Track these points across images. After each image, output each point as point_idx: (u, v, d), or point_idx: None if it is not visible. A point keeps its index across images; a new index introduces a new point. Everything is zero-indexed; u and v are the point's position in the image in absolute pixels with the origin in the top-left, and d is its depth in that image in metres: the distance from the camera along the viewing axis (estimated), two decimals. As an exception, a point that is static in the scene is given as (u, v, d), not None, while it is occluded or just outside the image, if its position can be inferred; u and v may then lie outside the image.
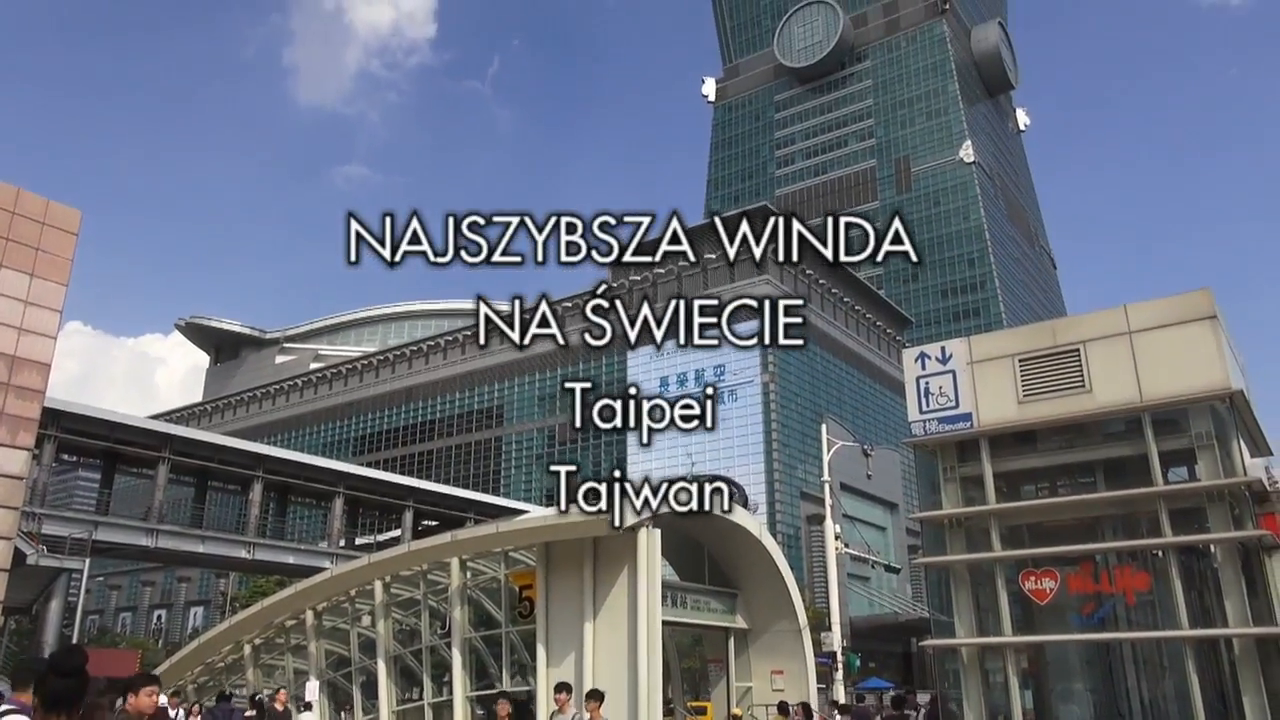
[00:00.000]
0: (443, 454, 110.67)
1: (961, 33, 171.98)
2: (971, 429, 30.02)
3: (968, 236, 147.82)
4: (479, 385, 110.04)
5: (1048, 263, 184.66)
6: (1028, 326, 35.44)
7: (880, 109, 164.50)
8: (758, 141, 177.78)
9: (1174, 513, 26.00)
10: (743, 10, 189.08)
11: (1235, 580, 23.86)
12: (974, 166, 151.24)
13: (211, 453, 58.27)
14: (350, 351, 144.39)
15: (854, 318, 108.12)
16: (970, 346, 32.99)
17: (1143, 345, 30.25)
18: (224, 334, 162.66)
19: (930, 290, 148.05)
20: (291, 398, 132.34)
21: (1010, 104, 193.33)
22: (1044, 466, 31.50)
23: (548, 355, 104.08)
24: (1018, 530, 29.03)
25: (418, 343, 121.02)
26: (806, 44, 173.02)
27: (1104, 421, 31.52)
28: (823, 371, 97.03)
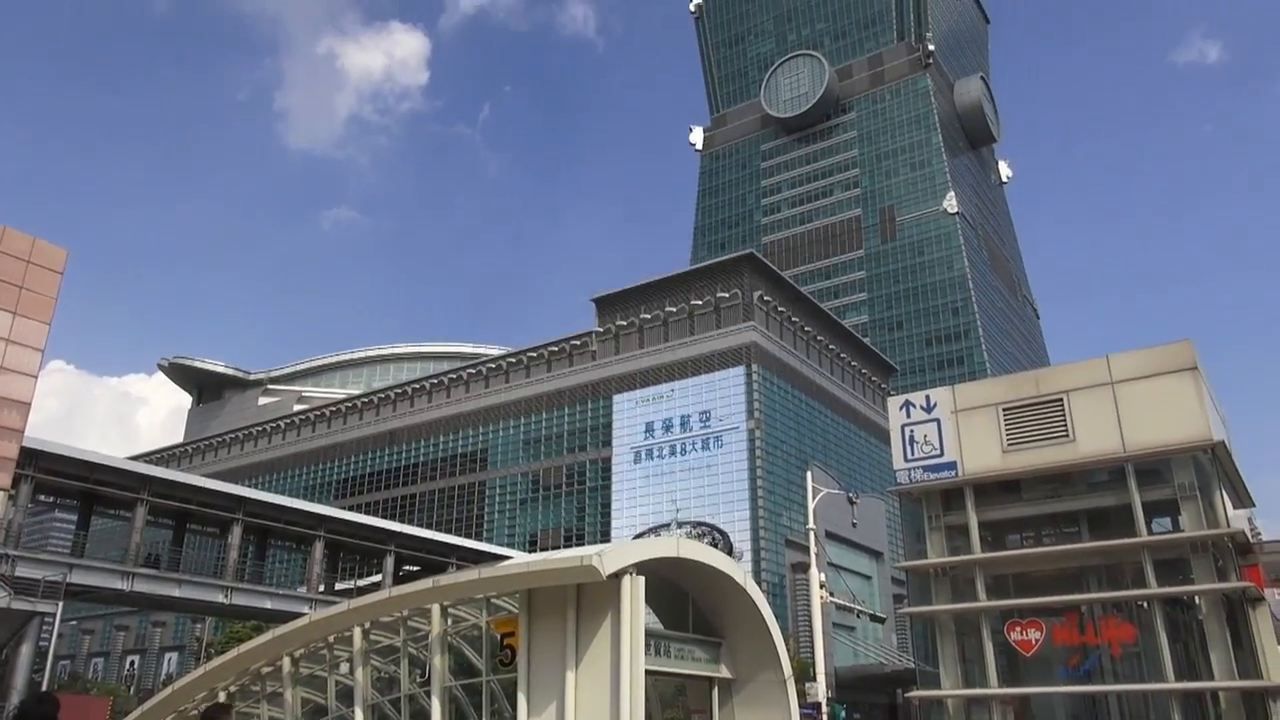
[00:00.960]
0: (425, 498, 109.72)
1: (945, 86, 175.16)
2: (956, 478, 30.05)
3: (951, 286, 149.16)
4: (463, 429, 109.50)
5: (1030, 312, 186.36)
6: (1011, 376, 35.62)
7: (865, 159, 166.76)
8: (744, 190, 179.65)
9: (1158, 563, 26.00)
10: (731, 62, 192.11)
11: (1220, 632, 23.81)
12: (957, 217, 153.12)
13: (191, 494, 57.56)
14: (334, 394, 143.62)
15: (839, 365, 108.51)
16: (955, 395, 33.18)
17: (1125, 396, 30.48)
18: (207, 374, 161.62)
19: (915, 338, 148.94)
20: (274, 440, 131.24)
21: (992, 156, 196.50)
22: (1029, 516, 31.53)
23: (533, 399, 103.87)
24: (1003, 580, 28.95)
25: (402, 385, 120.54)
26: (793, 95, 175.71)
27: (1088, 471, 31.65)
28: (808, 418, 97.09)
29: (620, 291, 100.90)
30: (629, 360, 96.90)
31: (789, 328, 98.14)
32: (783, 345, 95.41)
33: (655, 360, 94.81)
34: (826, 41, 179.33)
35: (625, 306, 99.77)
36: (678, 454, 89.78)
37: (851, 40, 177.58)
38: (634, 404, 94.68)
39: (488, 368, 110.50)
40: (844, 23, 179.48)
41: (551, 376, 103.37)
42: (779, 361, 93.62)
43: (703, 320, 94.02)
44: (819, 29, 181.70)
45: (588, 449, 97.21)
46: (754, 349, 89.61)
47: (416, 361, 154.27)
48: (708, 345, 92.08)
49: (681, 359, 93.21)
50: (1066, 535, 32.29)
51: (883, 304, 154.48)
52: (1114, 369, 30.60)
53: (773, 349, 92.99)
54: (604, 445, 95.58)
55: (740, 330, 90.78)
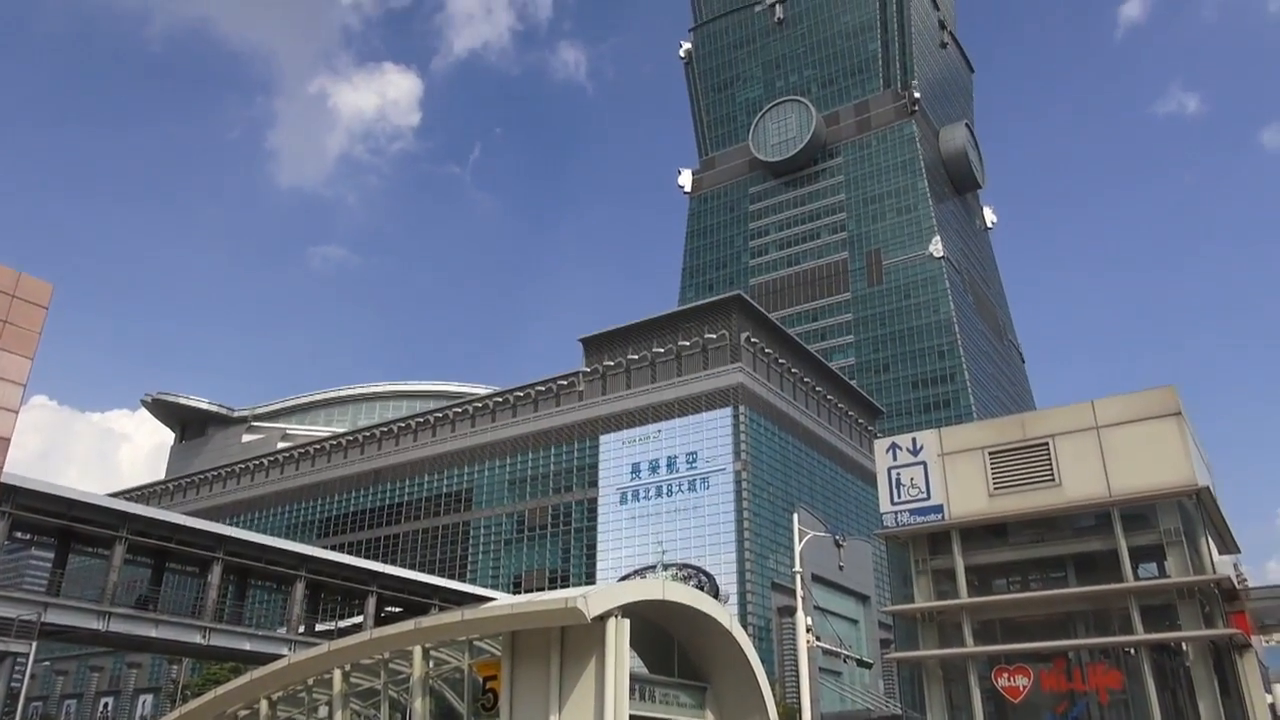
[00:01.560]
0: (409, 538, 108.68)
1: (930, 133, 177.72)
2: (943, 521, 30.00)
3: (937, 329, 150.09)
4: (448, 468, 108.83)
5: (1016, 357, 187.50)
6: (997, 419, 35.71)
7: (852, 203, 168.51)
8: (732, 232, 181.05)
9: (1145, 610, 25.95)
10: (719, 106, 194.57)
11: (1208, 679, 23.71)
12: (943, 261, 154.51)
13: (170, 533, 56.81)
14: (319, 431, 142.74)
15: (826, 407, 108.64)
16: (941, 438, 33.23)
17: (1110, 440, 30.58)
18: (190, 411, 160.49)
19: (901, 381, 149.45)
20: (257, 477, 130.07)
21: (977, 202, 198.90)
22: (1015, 560, 31.47)
23: (519, 439, 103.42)
24: (990, 625, 28.80)
25: (388, 424, 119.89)
26: (781, 139, 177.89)
27: (1074, 515, 31.63)
28: (795, 460, 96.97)
29: (608, 332, 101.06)
30: (616, 401, 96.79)
31: (776, 369, 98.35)
32: (770, 387, 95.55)
33: (642, 401, 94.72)
34: (814, 88, 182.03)
35: (613, 347, 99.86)
36: (664, 495, 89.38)
37: (838, 87, 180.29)
38: (620, 444, 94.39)
39: (474, 407, 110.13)
40: (831, 70, 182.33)
41: (538, 416, 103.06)
42: (766, 403, 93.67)
43: (690, 361, 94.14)
44: (806, 76, 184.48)
45: (573, 489, 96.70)
46: (741, 390, 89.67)
47: (402, 400, 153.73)
48: (695, 386, 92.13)
49: (668, 400, 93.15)
50: (1053, 580, 32.21)
51: (869, 347, 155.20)
52: (1099, 414, 30.75)
53: (760, 390, 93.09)
54: (590, 486, 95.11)
55: (727, 372, 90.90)
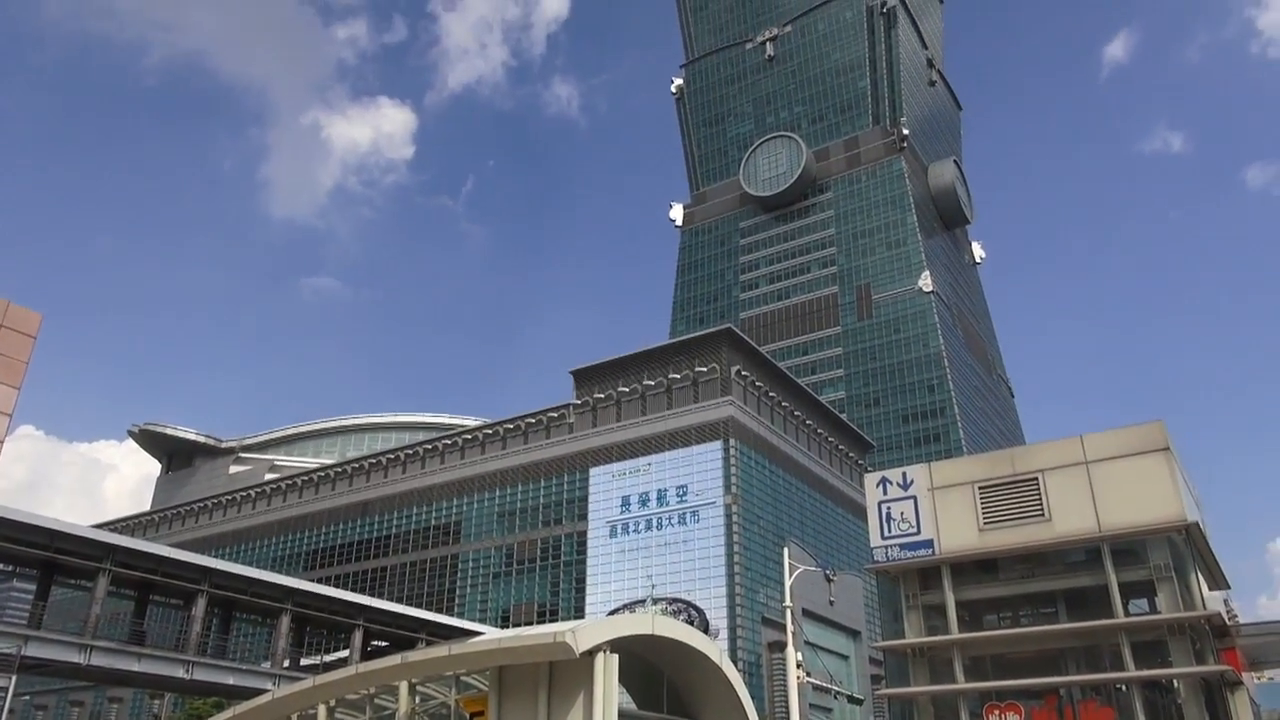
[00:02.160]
0: (397, 571, 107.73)
1: (919, 169, 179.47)
2: (933, 556, 29.95)
3: (927, 363, 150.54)
4: (437, 500, 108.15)
5: (1005, 391, 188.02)
6: (987, 454, 35.67)
7: (842, 238, 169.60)
8: (723, 266, 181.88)
9: (1136, 646, 25.86)
10: (711, 141, 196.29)
11: (1199, 717, 23.64)
12: (932, 296, 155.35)
13: (155, 565, 56.17)
14: (307, 463, 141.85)
15: (816, 440, 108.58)
16: (931, 473, 33.22)
17: (1100, 475, 30.58)
18: (178, 442, 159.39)
19: (891, 415, 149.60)
20: (244, 509, 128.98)
21: (966, 237, 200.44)
22: (1006, 596, 31.37)
23: (508, 471, 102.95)
24: (981, 661, 28.68)
25: (377, 455, 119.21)
26: (771, 175, 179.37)
27: (1064, 550, 31.59)
28: (785, 494, 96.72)
29: (598, 364, 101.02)
30: (606, 433, 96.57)
31: (766, 403, 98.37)
32: (760, 420, 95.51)
33: (632, 434, 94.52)
34: (804, 124, 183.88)
35: (603, 379, 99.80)
36: (654, 528, 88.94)
37: (828, 123, 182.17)
38: (610, 477, 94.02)
39: (464, 439, 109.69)
40: (821, 107, 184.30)
41: (528, 448, 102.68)
42: (756, 436, 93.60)
43: (680, 394, 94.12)
44: (797, 112, 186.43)
45: (563, 522, 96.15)
46: (731, 424, 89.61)
47: (392, 431, 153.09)
48: (685, 419, 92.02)
49: (659, 433, 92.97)
50: (1044, 616, 32.04)
51: (859, 380, 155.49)
52: (1088, 449, 30.78)
53: (750, 424, 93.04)
54: (579, 519, 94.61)
55: (718, 405, 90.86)
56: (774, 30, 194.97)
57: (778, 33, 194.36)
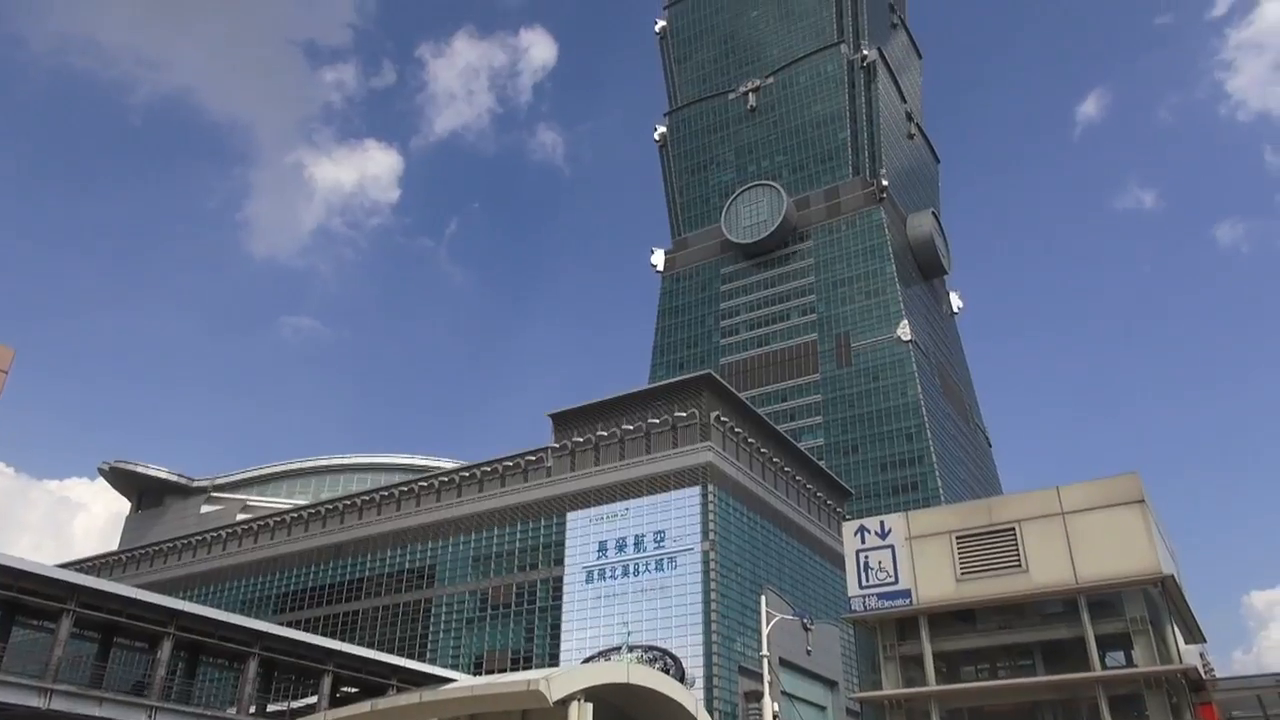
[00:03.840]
0: (369, 615, 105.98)
1: (898, 219, 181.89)
2: (911, 606, 29.82)
3: (905, 412, 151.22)
4: (411, 544, 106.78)
5: (982, 440, 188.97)
6: (965, 504, 35.65)
7: (821, 286, 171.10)
8: (703, 312, 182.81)
9: (1113, 699, 25.76)
10: (693, 188, 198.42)
11: (1177, 773, 23.37)
12: (911, 345, 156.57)
13: (121, 606, 54.93)
14: (280, 503, 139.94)
15: (795, 487, 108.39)
16: (909, 522, 33.19)
17: (1076, 527, 30.65)
18: (148, 480, 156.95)
19: (869, 463, 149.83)
20: (214, 550, 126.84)
21: (944, 287, 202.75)
22: (983, 647, 31.22)
23: (484, 514, 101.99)
24: (958, 714, 28.47)
25: (351, 497, 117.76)
26: (752, 222, 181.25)
27: (1041, 602, 31.52)
28: (763, 541, 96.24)
29: (578, 408, 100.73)
30: (584, 477, 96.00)
31: (745, 449, 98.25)
32: (739, 467, 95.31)
33: (610, 478, 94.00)
34: (785, 173, 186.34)
35: (582, 423, 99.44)
36: (630, 575, 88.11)
37: (809, 173, 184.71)
38: (588, 522, 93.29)
39: (440, 481, 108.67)
40: (802, 156, 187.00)
41: (505, 492, 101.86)
42: (735, 483, 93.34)
43: (659, 439, 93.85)
44: (778, 161, 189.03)
45: (539, 567, 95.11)
46: (710, 469, 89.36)
47: (367, 473, 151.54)
48: (664, 464, 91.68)
49: (637, 477, 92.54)
50: (1021, 668, 31.87)
51: (838, 428, 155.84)
52: (1064, 500, 30.86)
53: (729, 470, 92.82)
54: (556, 564, 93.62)
55: (697, 450, 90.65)
56: (756, 81, 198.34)
57: (760, 84, 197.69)
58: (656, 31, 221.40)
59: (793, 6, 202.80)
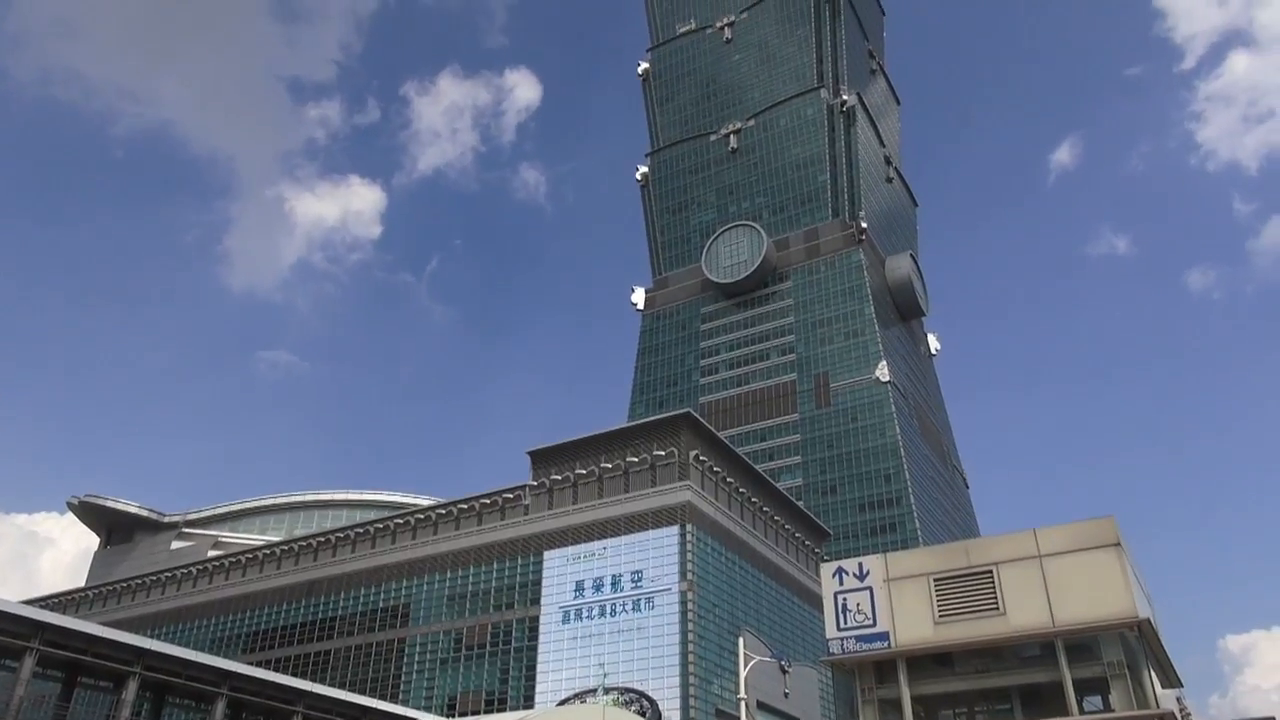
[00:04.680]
0: (341, 655, 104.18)
1: (876, 261, 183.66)
2: (889, 649, 29.64)
3: (883, 452, 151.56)
4: (385, 582, 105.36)
5: (960, 482, 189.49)
6: (942, 546, 35.70)
7: (801, 326, 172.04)
8: (683, 350, 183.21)
9: (1091, 745, 25.55)
10: (674, 228, 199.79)
11: (1155, 820, 23.24)
12: (889, 386, 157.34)
13: (86, 644, 53.74)
14: (253, 540, 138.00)
15: (773, 528, 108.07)
16: (887, 564, 33.11)
17: (1053, 570, 30.70)
18: (118, 515, 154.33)
19: (848, 504, 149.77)
20: (184, 586, 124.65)
21: (922, 329, 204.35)
22: (962, 691, 31.03)
23: (461, 553, 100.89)
24: (936, 759, 28.15)
25: (326, 534, 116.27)
26: (732, 262, 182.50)
27: (1019, 646, 31.43)
28: (741, 582, 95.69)
29: (556, 446, 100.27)
30: (562, 516, 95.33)
31: (724, 489, 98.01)
32: (717, 506, 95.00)
33: (588, 517, 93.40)
34: (765, 214, 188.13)
35: (561, 461, 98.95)
36: (607, 615, 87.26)
37: (789, 214, 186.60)
38: (565, 561, 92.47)
39: (415, 518, 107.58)
40: (782, 198, 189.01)
41: (481, 530, 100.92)
42: (713, 522, 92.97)
43: (638, 478, 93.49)
44: (758, 202, 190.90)
45: (515, 607, 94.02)
46: (689, 509, 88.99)
47: (343, 509, 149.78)
48: (642, 503, 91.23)
49: (615, 516, 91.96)
50: (999, 713, 31.72)
51: (816, 468, 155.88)
52: (1041, 543, 30.94)
53: (707, 509, 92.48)
54: (532, 603, 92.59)
55: (675, 489, 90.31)
56: (737, 124, 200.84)
57: (741, 126, 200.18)
58: (639, 74, 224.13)
59: (774, 51, 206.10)
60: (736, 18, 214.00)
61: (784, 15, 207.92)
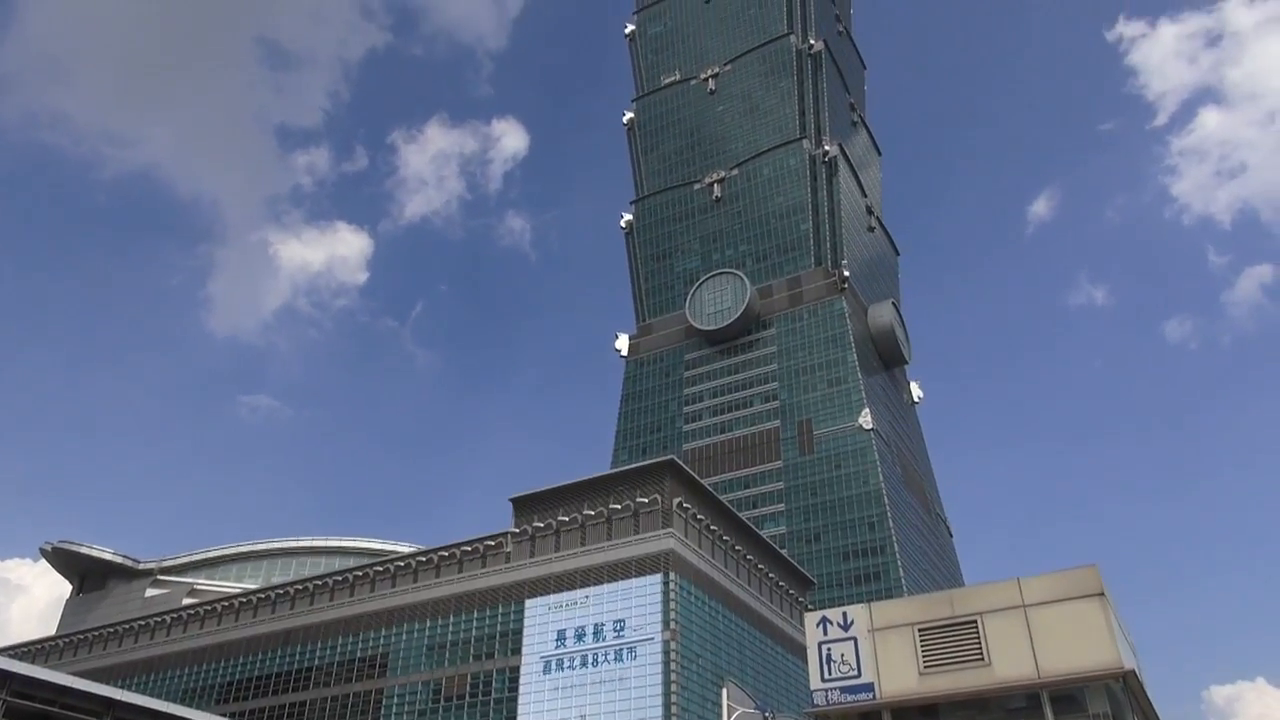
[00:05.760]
0: (317, 705, 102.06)
1: (859, 309, 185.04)
2: (874, 700, 29.35)
3: (867, 500, 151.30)
4: (364, 631, 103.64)
5: (944, 530, 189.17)
6: (927, 595, 35.51)
7: (784, 373, 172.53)
8: (667, 397, 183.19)
9: (1079, 800, 25.29)
10: (658, 275, 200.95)
11: None
12: (872, 433, 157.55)
13: (55, 695, 52.56)
14: (229, 587, 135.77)
15: (757, 576, 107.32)
16: (872, 613, 32.89)
17: (1037, 620, 30.58)
18: (91, 562, 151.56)
19: (832, 552, 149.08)
20: (158, 635, 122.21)
21: (904, 377, 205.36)
22: (947, 744, 30.60)
23: (440, 601, 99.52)
24: (923, 814, 27.77)
25: (304, 581, 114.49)
26: (716, 309, 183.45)
27: (1005, 696, 31.16)
28: (725, 631, 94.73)
29: (539, 492, 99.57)
30: (544, 564, 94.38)
31: (708, 536, 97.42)
32: (701, 554, 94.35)
33: (571, 565, 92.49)
34: (749, 262, 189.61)
35: (543, 508, 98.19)
36: (589, 665, 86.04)
37: (772, 262, 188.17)
38: (547, 610, 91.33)
39: (395, 566, 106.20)
40: (765, 246, 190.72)
41: (463, 577, 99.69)
42: (697, 570, 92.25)
43: (621, 525, 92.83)
44: (741, 250, 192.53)
45: (495, 656, 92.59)
46: (672, 557, 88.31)
47: (321, 556, 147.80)
48: (625, 551, 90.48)
49: (598, 564, 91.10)
50: (985, 765, 31.37)
51: (800, 516, 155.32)
52: (1025, 592, 30.84)
53: (691, 557, 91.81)
54: (513, 653, 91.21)
55: (658, 537, 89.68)
56: (721, 173, 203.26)
57: (725, 175, 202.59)
58: (625, 123, 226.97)
59: (757, 103, 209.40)
60: (720, 69, 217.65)
61: (767, 68, 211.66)
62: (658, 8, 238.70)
